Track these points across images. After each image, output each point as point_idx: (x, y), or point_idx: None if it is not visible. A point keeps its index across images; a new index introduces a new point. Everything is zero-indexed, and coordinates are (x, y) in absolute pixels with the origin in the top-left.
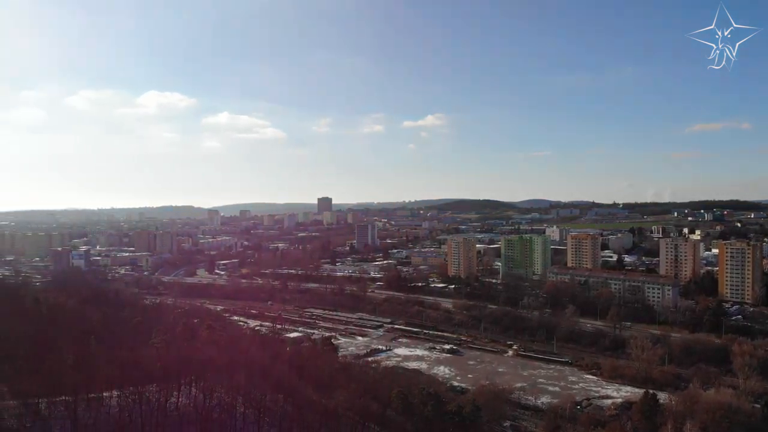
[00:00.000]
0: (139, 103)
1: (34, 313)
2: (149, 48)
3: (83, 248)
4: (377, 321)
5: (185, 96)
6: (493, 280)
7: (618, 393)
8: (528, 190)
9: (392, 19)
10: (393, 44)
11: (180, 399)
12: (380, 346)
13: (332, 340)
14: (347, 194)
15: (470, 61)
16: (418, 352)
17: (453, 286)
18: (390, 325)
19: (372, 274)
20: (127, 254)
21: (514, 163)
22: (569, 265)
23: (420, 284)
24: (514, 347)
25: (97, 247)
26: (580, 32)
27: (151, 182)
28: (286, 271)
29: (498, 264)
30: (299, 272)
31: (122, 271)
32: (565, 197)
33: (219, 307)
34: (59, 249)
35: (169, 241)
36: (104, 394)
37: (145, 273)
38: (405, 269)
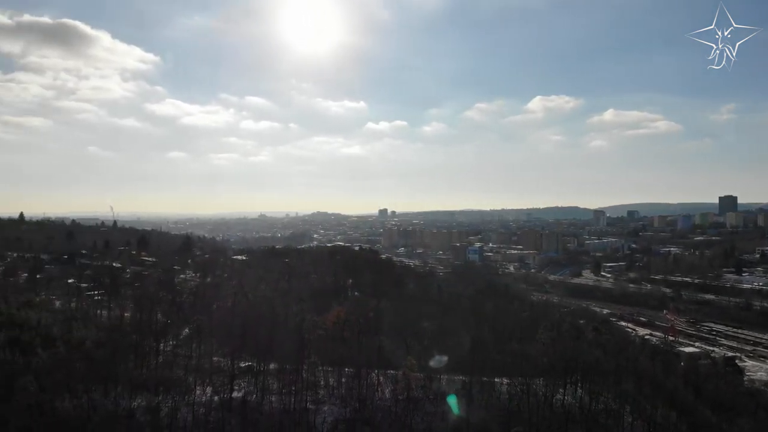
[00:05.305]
0: (527, 110)
1: (437, 299)
2: (534, 55)
3: (477, 244)
4: None
5: (571, 97)
6: None
7: None
8: None
9: None
10: None
11: (566, 397)
12: None
13: (736, 361)
14: (760, 192)
15: None
16: None
17: None
18: None
19: None
20: (515, 252)
21: None
22: None
23: None
24: None
25: (490, 244)
26: None
27: (538, 184)
28: (679, 278)
29: None
30: (695, 281)
31: (511, 268)
32: None
33: (605, 311)
34: (457, 244)
35: (554, 241)
36: (495, 379)
37: (532, 270)
38: None
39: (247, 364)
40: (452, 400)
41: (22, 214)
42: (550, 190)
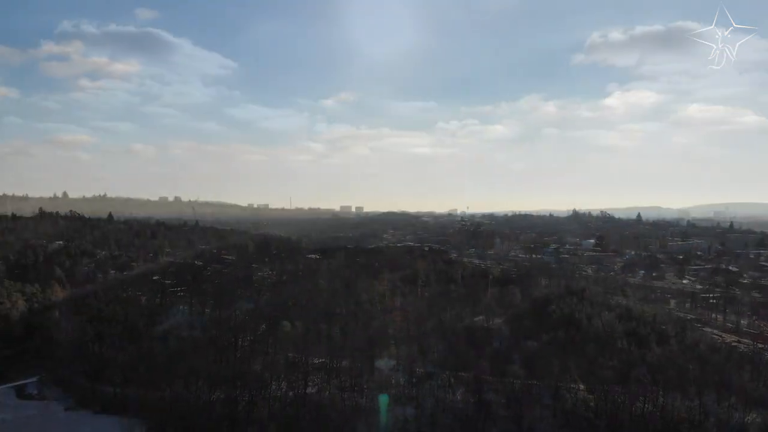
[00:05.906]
0: (605, 106)
1: (508, 301)
2: (610, 48)
3: (552, 246)
4: None
5: (652, 92)
6: None
7: None
8: None
9: None
10: None
11: (646, 405)
12: None
13: None
14: None
15: None
16: None
17: None
18: None
19: None
20: (593, 253)
21: None
22: None
23: None
24: None
25: (566, 246)
26: None
27: (618, 183)
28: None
29: None
30: None
31: (588, 270)
32: None
33: (689, 316)
34: (531, 245)
35: (635, 242)
36: (571, 385)
37: (611, 273)
38: None
39: (320, 360)
40: (383, 400)
41: (110, 215)
42: (630, 189)
